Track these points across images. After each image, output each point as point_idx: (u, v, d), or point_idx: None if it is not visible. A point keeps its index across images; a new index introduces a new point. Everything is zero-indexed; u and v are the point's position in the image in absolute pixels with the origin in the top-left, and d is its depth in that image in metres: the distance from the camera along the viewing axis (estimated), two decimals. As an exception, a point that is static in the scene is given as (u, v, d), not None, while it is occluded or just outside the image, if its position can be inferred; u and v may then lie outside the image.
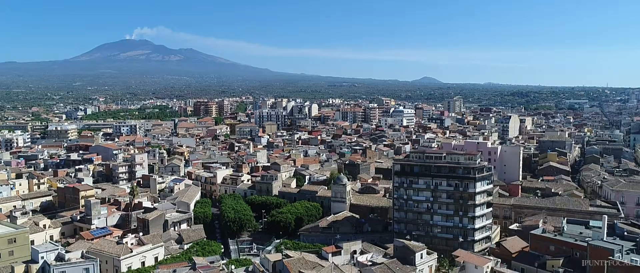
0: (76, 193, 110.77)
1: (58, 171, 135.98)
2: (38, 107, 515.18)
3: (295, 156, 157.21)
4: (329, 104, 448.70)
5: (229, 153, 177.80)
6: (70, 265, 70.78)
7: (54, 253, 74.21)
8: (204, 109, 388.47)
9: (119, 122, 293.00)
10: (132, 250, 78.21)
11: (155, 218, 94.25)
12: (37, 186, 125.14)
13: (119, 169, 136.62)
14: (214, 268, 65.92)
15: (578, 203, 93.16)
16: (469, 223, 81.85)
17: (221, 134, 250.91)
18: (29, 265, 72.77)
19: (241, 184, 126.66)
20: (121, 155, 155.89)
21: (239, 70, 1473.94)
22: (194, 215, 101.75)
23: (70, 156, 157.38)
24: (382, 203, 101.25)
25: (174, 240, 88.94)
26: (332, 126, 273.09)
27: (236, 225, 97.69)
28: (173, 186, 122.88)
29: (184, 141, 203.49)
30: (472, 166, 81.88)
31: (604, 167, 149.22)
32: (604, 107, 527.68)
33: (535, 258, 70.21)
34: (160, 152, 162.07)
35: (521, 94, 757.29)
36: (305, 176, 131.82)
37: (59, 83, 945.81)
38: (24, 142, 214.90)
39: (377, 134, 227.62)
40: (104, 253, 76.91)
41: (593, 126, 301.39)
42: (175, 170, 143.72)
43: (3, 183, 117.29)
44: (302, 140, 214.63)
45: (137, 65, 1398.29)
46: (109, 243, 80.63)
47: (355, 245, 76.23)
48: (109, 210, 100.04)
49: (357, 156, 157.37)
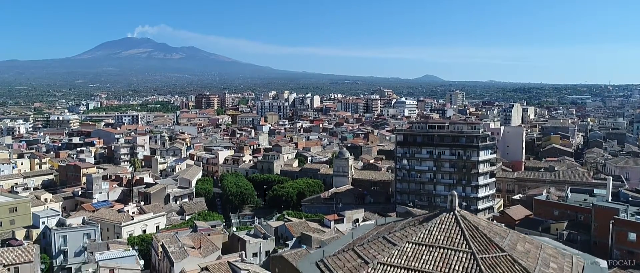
0: (77, 170, 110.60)
1: (59, 153, 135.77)
2: (40, 103, 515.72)
3: (297, 140, 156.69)
4: (330, 99, 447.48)
5: (230, 138, 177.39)
6: (72, 230, 70.52)
7: (55, 219, 74.02)
8: (206, 102, 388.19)
9: (120, 112, 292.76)
10: (133, 217, 77.96)
11: (157, 191, 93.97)
12: (38, 166, 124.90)
13: (120, 150, 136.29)
14: (216, 230, 65.58)
15: (582, 175, 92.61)
16: (472, 192, 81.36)
17: (223, 123, 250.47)
18: (30, 230, 72.57)
19: (243, 164, 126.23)
20: (123, 139, 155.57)
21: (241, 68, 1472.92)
22: (195, 191, 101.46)
23: (72, 140, 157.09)
24: (384, 177, 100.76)
25: (175, 212, 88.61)
26: (333, 116, 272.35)
27: (238, 198, 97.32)
28: (175, 165, 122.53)
29: (186, 129, 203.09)
30: (475, 134, 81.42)
31: (608, 150, 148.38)
32: (607, 102, 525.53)
33: (539, 223, 69.61)
34: (162, 136, 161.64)
35: (523, 90, 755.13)
36: (307, 158, 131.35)
37: (61, 81, 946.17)
38: (26, 131, 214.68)
39: (379, 122, 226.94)
40: (105, 221, 76.67)
41: (596, 116, 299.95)
42: (177, 153, 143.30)
43: (5, 162, 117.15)
44: (304, 128, 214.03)
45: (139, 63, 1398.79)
46: (110, 212, 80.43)
47: (357, 213, 75.74)
48: (110, 185, 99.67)
49: (359, 139, 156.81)
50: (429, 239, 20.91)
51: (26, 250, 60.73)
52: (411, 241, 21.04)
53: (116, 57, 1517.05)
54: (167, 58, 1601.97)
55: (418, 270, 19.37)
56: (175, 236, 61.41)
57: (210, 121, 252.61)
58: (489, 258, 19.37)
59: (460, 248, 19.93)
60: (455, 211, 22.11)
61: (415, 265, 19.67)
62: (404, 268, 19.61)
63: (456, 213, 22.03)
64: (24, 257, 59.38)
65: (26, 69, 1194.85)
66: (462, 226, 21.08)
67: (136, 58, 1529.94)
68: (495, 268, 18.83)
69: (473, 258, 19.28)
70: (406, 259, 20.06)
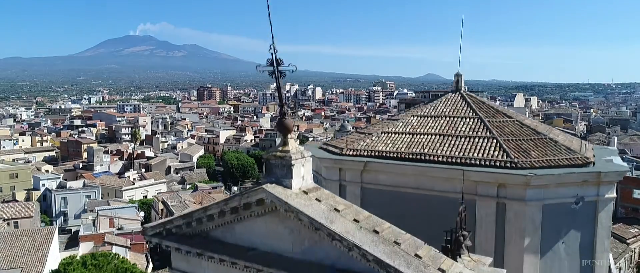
0: (79, 145, 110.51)
1: (61, 133, 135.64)
2: (43, 97, 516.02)
3: (299, 123, 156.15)
4: (333, 93, 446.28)
5: (232, 122, 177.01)
6: (72, 191, 70.32)
7: (56, 181, 73.82)
8: (207, 94, 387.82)
9: (122, 101, 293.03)
10: (134, 183, 77.67)
11: (157, 163, 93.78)
12: (40, 143, 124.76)
13: (122, 130, 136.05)
14: (217, 189, 65.23)
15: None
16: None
17: (225, 112, 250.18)
18: (31, 192, 72.34)
19: (244, 143, 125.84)
20: (124, 121, 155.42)
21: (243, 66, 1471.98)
22: (196, 165, 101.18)
23: (74, 122, 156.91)
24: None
25: (176, 182, 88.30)
26: (335, 106, 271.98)
27: (239, 171, 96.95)
28: (176, 143, 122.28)
29: (188, 117, 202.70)
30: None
31: (611, 135, 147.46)
32: (609, 98, 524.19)
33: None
34: (164, 118, 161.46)
35: (526, 88, 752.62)
36: (309, 139, 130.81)
37: (63, 77, 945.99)
38: (28, 117, 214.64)
39: (382, 110, 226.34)
40: (106, 185, 76.40)
41: (599, 108, 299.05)
42: (179, 135, 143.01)
43: (6, 138, 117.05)
44: (306, 117, 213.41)
45: (141, 60, 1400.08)
46: (111, 178, 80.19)
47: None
48: (111, 158, 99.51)
49: (361, 123, 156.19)
50: (434, 112, 20.44)
51: (26, 206, 60.55)
52: (416, 115, 20.60)
53: (118, 55, 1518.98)
54: (170, 56, 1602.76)
55: (423, 133, 18.89)
56: (177, 194, 61.11)
57: (211, 110, 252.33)
58: (496, 121, 18.90)
59: (467, 116, 19.46)
60: (461, 91, 21.62)
61: (421, 130, 19.19)
62: (409, 134, 19.12)
63: (462, 92, 21.54)
64: (24, 212, 59.18)
65: (29, 66, 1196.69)
66: (468, 101, 20.59)
67: (138, 56, 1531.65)
68: (502, 128, 18.35)
69: (480, 120, 18.79)
70: (411, 127, 19.59)
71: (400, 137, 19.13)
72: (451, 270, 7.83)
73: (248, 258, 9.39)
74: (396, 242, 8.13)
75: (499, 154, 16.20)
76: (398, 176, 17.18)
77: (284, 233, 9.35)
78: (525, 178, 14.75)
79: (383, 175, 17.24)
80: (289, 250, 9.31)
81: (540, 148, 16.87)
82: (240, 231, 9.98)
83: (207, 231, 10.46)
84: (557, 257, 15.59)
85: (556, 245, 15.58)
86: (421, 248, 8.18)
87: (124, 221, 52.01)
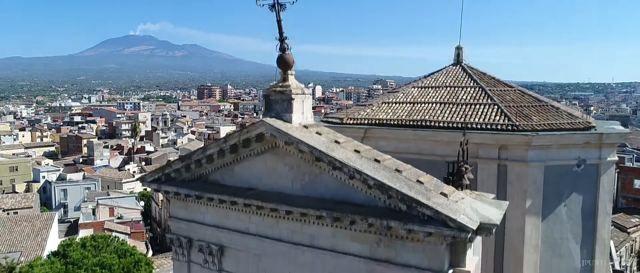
0: (79, 140, 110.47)
1: (61, 129, 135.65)
2: (42, 97, 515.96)
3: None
4: (333, 92, 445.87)
5: (232, 119, 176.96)
6: (72, 183, 70.24)
7: (56, 174, 73.73)
8: (207, 92, 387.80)
9: (122, 99, 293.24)
10: (134, 175, 77.58)
11: (158, 157, 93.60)
12: (40, 139, 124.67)
13: (122, 126, 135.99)
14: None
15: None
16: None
17: (225, 110, 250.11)
18: (31, 184, 72.26)
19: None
20: (124, 117, 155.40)
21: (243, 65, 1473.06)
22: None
23: (74, 118, 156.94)
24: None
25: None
26: (335, 104, 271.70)
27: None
28: (176, 139, 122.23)
29: (188, 114, 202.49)
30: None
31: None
32: (610, 97, 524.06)
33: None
34: (164, 114, 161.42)
35: (526, 87, 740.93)
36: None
37: (63, 77, 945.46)
38: (28, 114, 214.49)
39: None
40: (106, 178, 76.33)
41: (599, 107, 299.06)
42: (179, 131, 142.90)
43: (6, 133, 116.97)
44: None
45: (141, 60, 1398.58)
46: (111, 171, 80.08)
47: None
48: (111, 153, 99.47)
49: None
50: (435, 83, 20.38)
51: (26, 197, 60.48)
52: (416, 86, 20.54)
53: (118, 55, 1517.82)
54: (169, 56, 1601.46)
55: (424, 102, 18.82)
56: (176, 185, 60.96)
57: (212, 108, 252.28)
58: (497, 90, 18.84)
59: (469, 85, 19.40)
60: (462, 64, 21.53)
61: (421, 100, 19.13)
62: (409, 103, 19.06)
63: (463, 65, 21.46)
64: (24, 203, 59.12)
65: (29, 66, 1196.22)
66: (469, 73, 20.54)
67: (138, 55, 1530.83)
68: (503, 96, 18.28)
69: (481, 89, 18.74)
70: (412, 97, 19.53)
71: (401, 106, 19.08)
72: (453, 195, 7.74)
73: (248, 196, 9.31)
74: (397, 170, 8.05)
75: (501, 119, 16.13)
76: (399, 142, 17.12)
77: (283, 171, 9.27)
78: (527, 137, 14.67)
79: (384, 141, 17.14)
80: (289, 187, 9.23)
81: (541, 113, 16.80)
82: (240, 172, 9.90)
83: (206, 175, 10.38)
84: (558, 219, 15.49)
85: (558, 207, 15.48)
86: (423, 176, 8.10)
87: (124, 211, 51.90)
